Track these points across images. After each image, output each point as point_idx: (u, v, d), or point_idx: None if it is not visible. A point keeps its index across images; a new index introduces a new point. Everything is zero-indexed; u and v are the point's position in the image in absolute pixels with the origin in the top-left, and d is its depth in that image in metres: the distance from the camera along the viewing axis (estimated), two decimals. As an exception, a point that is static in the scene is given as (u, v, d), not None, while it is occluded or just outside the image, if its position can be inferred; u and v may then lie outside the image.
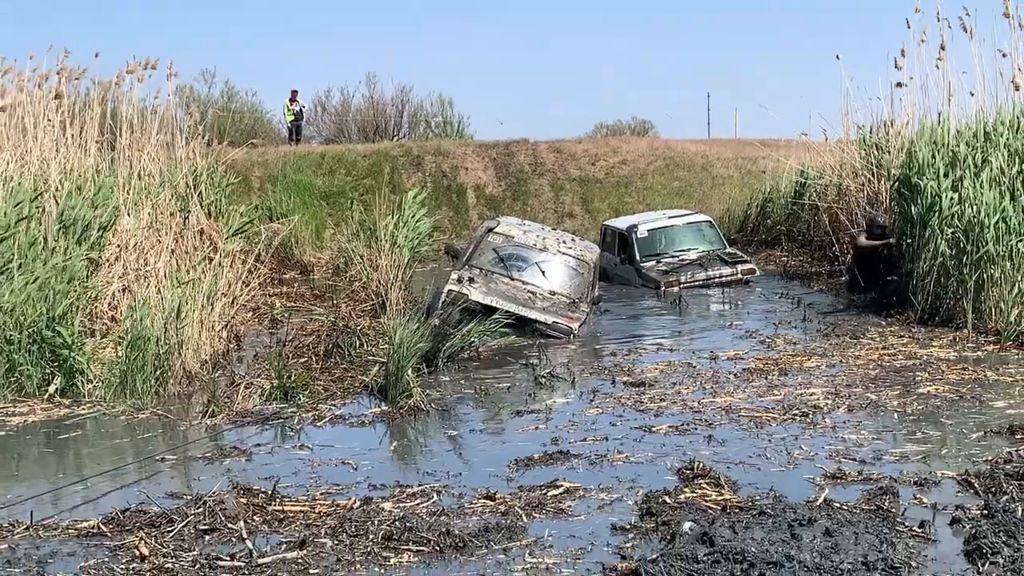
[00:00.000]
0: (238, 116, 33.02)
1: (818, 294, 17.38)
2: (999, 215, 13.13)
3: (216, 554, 6.54)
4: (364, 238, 18.43)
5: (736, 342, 13.53)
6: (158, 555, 6.53)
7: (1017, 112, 15.17)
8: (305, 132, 36.02)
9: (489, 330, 13.04)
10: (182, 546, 6.70)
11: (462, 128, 40.17)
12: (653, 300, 17.97)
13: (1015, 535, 6.27)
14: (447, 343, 12.38)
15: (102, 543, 6.83)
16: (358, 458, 8.84)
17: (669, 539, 6.50)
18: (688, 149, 33.19)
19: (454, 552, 6.52)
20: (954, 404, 9.84)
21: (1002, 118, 15.18)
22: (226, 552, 6.58)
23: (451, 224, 28.70)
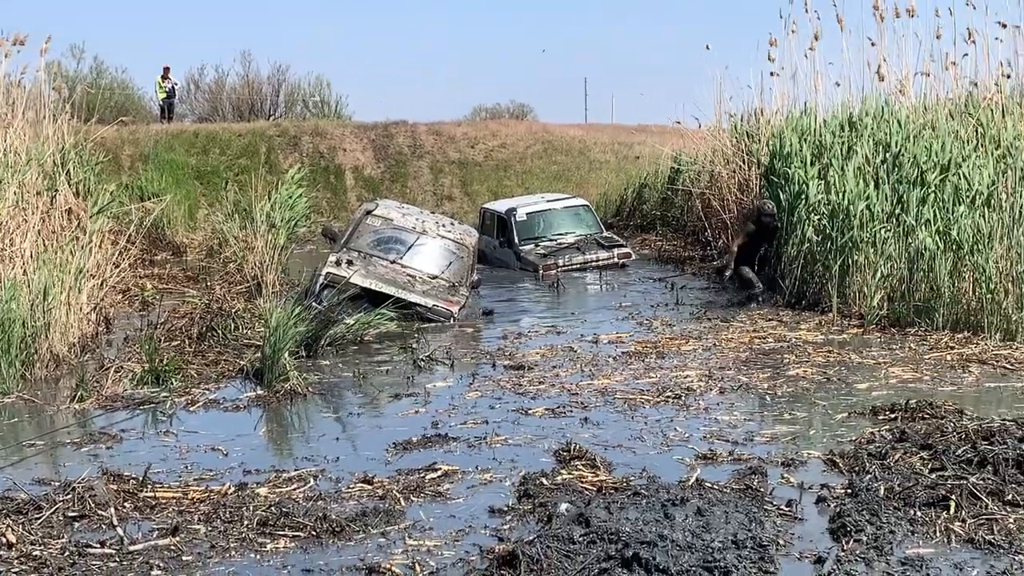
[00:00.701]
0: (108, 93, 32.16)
1: (691, 278, 17.73)
2: (864, 203, 13.56)
3: (86, 541, 6.40)
4: (239, 219, 18.17)
5: (615, 325, 13.74)
6: (26, 543, 6.36)
7: (881, 102, 15.68)
8: (178, 110, 35.29)
9: (375, 320, 12.95)
10: (51, 533, 6.53)
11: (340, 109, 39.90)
12: (531, 283, 18.11)
13: (877, 513, 6.51)
14: (330, 330, 12.26)
15: (-34, 532, 6.62)
16: (232, 443, 8.73)
17: (546, 520, 6.58)
18: (566, 133, 33.47)
19: (331, 537, 6.50)
20: (820, 386, 10.15)
21: (867, 108, 15.67)
22: (96, 539, 6.44)
23: (329, 206, 28.45)
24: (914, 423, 8.55)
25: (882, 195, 13.67)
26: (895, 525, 6.37)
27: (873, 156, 14.38)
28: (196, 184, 26.94)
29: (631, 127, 34.24)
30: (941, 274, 12.36)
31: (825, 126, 15.66)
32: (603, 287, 17.82)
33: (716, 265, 15.81)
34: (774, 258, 14.92)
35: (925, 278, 12.59)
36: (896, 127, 14.60)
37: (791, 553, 6.14)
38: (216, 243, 20.12)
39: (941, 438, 7.97)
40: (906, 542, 6.19)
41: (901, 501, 6.76)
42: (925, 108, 15.79)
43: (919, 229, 12.77)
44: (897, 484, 7.05)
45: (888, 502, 6.74)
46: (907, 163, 13.81)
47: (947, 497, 6.71)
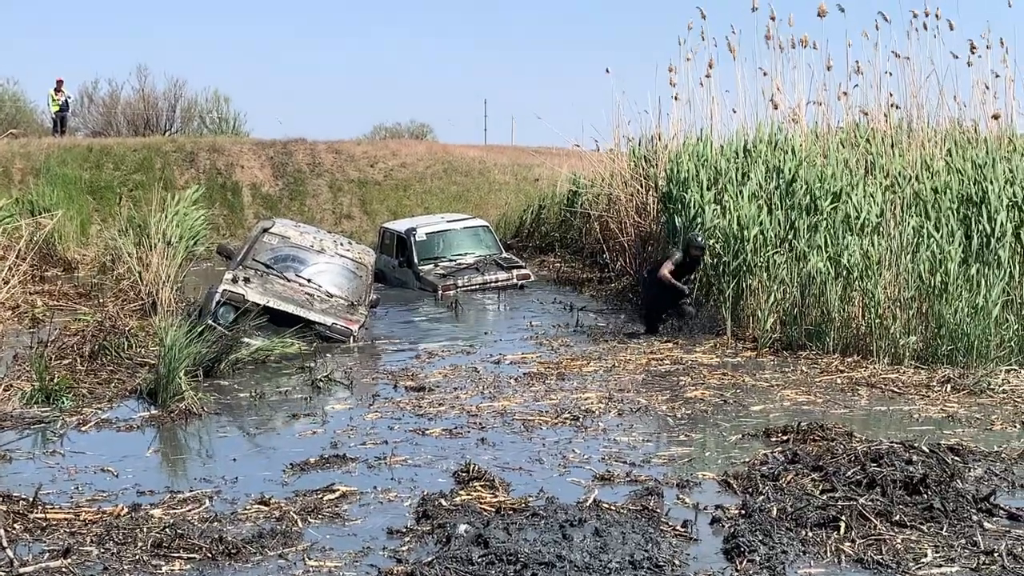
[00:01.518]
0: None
1: (589, 300, 17.89)
2: (757, 228, 13.87)
3: (-27, 565, 6.24)
4: (134, 235, 17.82)
5: (516, 346, 13.79)
6: (-92, 568, 6.18)
7: (775, 129, 16.08)
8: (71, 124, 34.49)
9: (277, 347, 12.76)
10: (-65, 558, 6.35)
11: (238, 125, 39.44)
12: (431, 303, 18.09)
13: (770, 533, 6.66)
14: (231, 355, 12.08)
15: None
16: (126, 463, 8.57)
17: (445, 541, 6.59)
18: (466, 154, 33.52)
19: (227, 559, 6.43)
20: (716, 408, 10.34)
21: (761, 135, 16.06)
22: (-16, 563, 6.28)
23: (226, 223, 28.05)
24: (806, 445, 8.76)
25: (775, 221, 14.00)
26: (787, 545, 6.53)
27: (767, 182, 14.72)
28: (89, 199, 26.35)
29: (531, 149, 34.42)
30: (832, 299, 12.69)
31: (721, 152, 15.99)
32: (502, 308, 17.89)
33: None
34: None
35: (816, 303, 12.92)
36: (789, 155, 14.96)
37: (687, 573, 6.25)
38: (109, 259, 19.70)
39: (832, 460, 8.18)
40: (798, 562, 6.35)
41: (793, 522, 6.93)
42: (817, 136, 16.24)
43: (811, 255, 13.09)
44: (789, 505, 7.23)
45: (781, 522, 6.91)
46: (800, 190, 14.17)
47: (837, 518, 6.90)
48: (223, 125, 38.91)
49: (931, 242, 12.47)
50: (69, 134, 32.82)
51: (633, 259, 18.28)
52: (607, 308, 17.00)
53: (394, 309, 17.02)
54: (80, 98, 38.37)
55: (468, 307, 17.49)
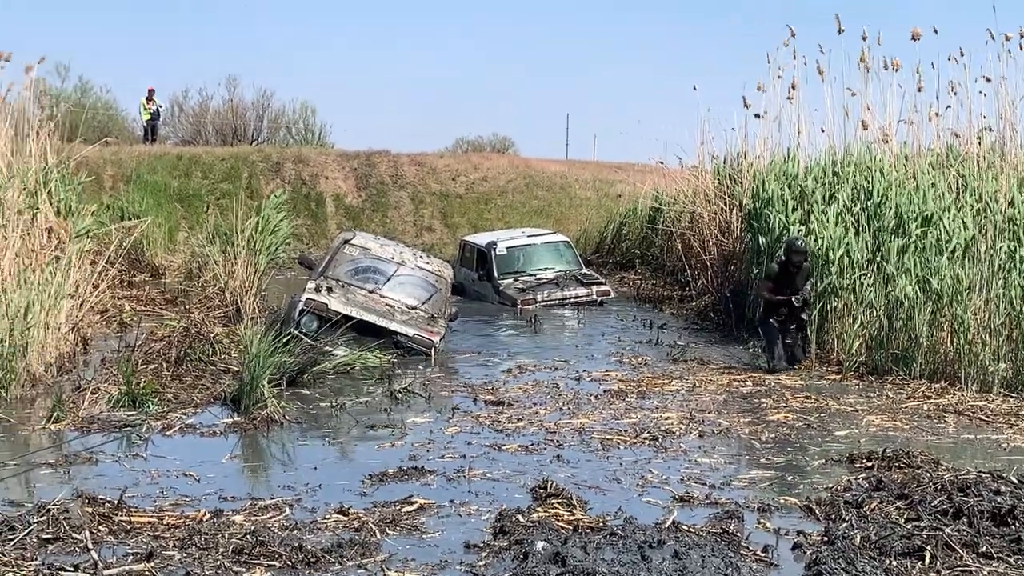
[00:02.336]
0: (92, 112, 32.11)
1: (670, 318, 17.77)
2: (843, 249, 13.66)
3: (60, 564, 6.35)
4: (219, 243, 18.10)
5: (596, 363, 13.72)
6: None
7: (863, 150, 15.83)
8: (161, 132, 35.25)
9: (358, 359, 12.82)
10: (24, 555, 6.48)
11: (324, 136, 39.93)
12: (510, 318, 18.10)
13: (853, 562, 6.52)
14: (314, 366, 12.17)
15: (-62, 552, 6.56)
16: (208, 469, 8.68)
17: (522, 558, 6.56)
18: (548, 168, 33.56)
19: (306, 567, 6.47)
20: (799, 432, 10.18)
21: (850, 155, 15.82)
22: (70, 562, 6.40)
23: (309, 233, 28.42)
24: (891, 472, 8.60)
25: (862, 243, 13.78)
26: (871, 574, 6.38)
27: (853, 204, 14.50)
28: (177, 206, 26.86)
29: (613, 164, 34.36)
30: (920, 323, 12.45)
31: (808, 172, 15.78)
32: (581, 324, 17.84)
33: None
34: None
35: (904, 327, 12.68)
36: (878, 176, 14.73)
37: (767, 599, 6.15)
38: (195, 266, 20.06)
39: (917, 488, 8.01)
40: (881, 592, 6.21)
41: (877, 550, 6.79)
42: (907, 158, 15.96)
43: (899, 278, 12.86)
44: (873, 533, 7.08)
45: (864, 551, 6.77)
46: (888, 212, 13.93)
47: (922, 547, 6.74)
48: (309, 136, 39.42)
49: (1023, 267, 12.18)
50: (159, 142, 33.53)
51: (715, 277, 18.11)
52: (688, 326, 16.87)
53: (473, 323, 17.05)
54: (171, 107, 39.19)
55: (547, 322, 17.46)
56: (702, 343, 15.22)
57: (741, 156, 18.82)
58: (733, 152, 19.47)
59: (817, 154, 16.52)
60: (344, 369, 12.70)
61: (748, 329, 15.13)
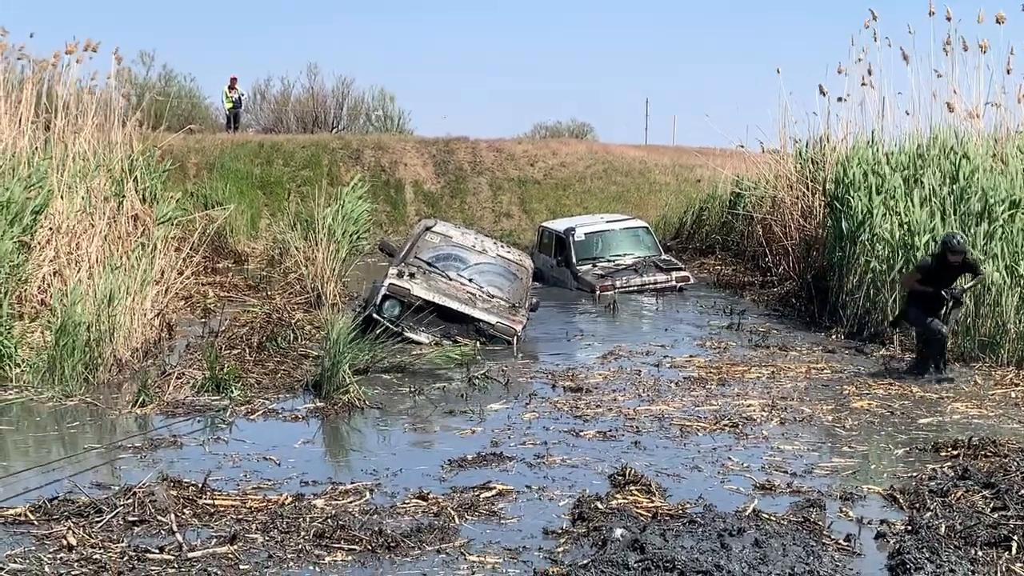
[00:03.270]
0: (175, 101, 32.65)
1: (751, 304, 17.59)
2: (929, 234, 13.39)
3: (145, 546, 6.48)
4: (301, 229, 18.30)
5: (676, 349, 13.62)
6: (86, 545, 6.46)
7: (950, 134, 15.50)
8: (243, 120, 35.68)
9: (445, 353, 12.73)
10: (110, 537, 6.62)
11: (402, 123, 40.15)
12: (588, 304, 18.06)
13: (938, 551, 6.41)
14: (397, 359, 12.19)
15: (29, 532, 6.73)
16: (290, 453, 8.80)
17: (600, 545, 6.55)
18: (626, 154, 33.40)
19: (387, 552, 6.53)
20: (881, 420, 10.03)
21: (936, 138, 15.50)
22: (155, 544, 6.52)
23: (388, 219, 28.61)
24: (977, 461, 8.44)
25: (948, 227, 13.49)
26: (956, 564, 6.28)
27: (940, 188, 14.21)
28: (259, 194, 27.22)
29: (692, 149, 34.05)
30: (1008, 309, 12.18)
31: (892, 156, 15.50)
32: (661, 310, 17.73)
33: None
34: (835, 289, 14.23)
35: (991, 313, 12.41)
36: (964, 160, 14.41)
37: (849, 589, 6.07)
38: (277, 253, 20.32)
39: (1004, 477, 7.86)
40: (967, 582, 6.10)
41: (962, 540, 6.67)
42: (995, 140, 15.59)
43: (986, 263, 12.58)
44: (958, 522, 6.96)
45: (949, 540, 6.66)
46: (975, 197, 13.63)
47: (1009, 537, 6.62)
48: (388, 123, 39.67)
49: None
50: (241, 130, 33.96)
51: (797, 263, 17.87)
52: (769, 313, 16.69)
53: (551, 309, 17.02)
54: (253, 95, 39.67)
55: (625, 309, 17.39)
56: (784, 330, 15.04)
57: (823, 140, 18.55)
58: (815, 136, 19.22)
59: (902, 137, 16.21)
60: (430, 368, 12.71)
61: (831, 315, 14.93)
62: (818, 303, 15.64)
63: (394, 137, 34.01)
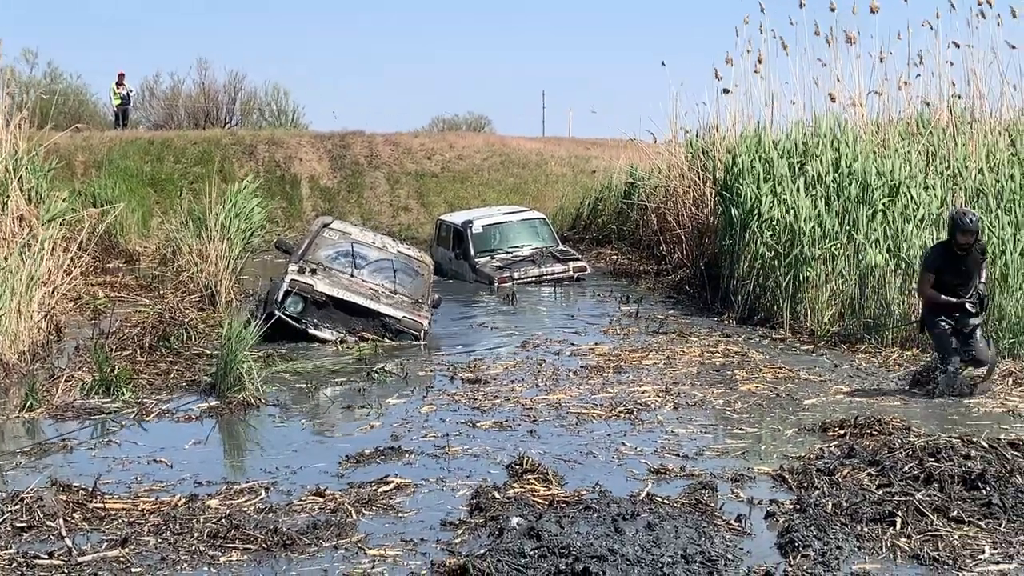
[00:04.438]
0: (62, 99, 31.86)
1: (646, 292, 17.83)
2: (815, 220, 13.72)
3: (34, 552, 6.34)
4: (193, 227, 18.01)
5: (573, 340, 13.71)
6: (-29, 555, 6.30)
7: (833, 122, 15.88)
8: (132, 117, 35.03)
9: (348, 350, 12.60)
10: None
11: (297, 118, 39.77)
12: (487, 296, 18.13)
13: (825, 528, 6.59)
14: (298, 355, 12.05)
15: (-89, 543, 6.55)
16: (184, 454, 8.68)
17: (497, 534, 6.60)
18: (523, 146, 33.55)
19: (283, 550, 6.48)
20: (771, 402, 10.26)
21: (819, 126, 15.87)
22: (45, 550, 6.38)
23: (284, 215, 28.35)
24: (862, 440, 8.67)
25: (833, 213, 13.84)
26: (842, 541, 6.46)
27: (824, 175, 14.56)
28: (150, 192, 26.76)
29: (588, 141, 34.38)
30: (891, 291, 12.53)
31: (778, 144, 15.84)
32: (559, 300, 17.87)
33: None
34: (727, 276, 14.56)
35: (875, 295, 12.76)
36: (847, 147, 14.78)
37: (740, 568, 6.19)
38: (170, 252, 19.95)
39: (889, 455, 8.08)
40: (853, 558, 6.28)
41: (848, 517, 6.86)
42: (878, 127, 16.02)
43: (869, 247, 12.93)
44: (845, 500, 7.15)
45: (836, 518, 6.84)
46: (857, 183, 14.00)
47: (894, 513, 6.82)
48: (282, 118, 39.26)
49: (991, 234, 12.26)
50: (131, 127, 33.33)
51: (690, 251, 18.18)
52: (664, 300, 16.95)
53: (450, 302, 17.03)
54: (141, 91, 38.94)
55: (524, 300, 17.49)
56: (679, 316, 15.29)
57: (713, 130, 18.88)
58: (705, 126, 19.56)
59: (788, 126, 16.57)
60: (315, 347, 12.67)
61: (723, 301, 15.20)
62: (711, 289, 15.93)
63: (288, 132, 33.69)
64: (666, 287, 18.05)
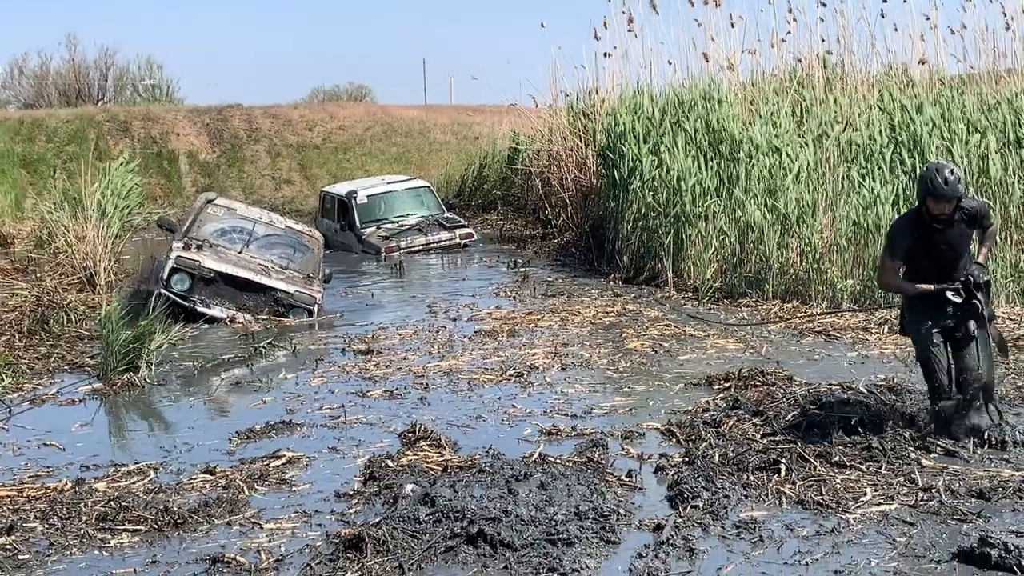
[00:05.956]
0: (-77, 79, 30.74)
1: (533, 256, 17.94)
2: (694, 179, 13.95)
3: (-86, 548, 6.17)
4: (69, 208, 17.55)
5: (460, 306, 13.73)
6: None
7: (708, 80, 16.14)
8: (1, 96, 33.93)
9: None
10: None
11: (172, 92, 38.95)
12: (374, 266, 18.04)
13: (713, 479, 6.75)
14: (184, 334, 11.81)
15: None
16: (69, 438, 8.51)
17: (392, 502, 6.62)
18: (405, 115, 33.37)
19: (174, 529, 6.41)
20: (657, 359, 10.43)
21: (695, 87, 16.11)
22: (-75, 545, 6.22)
23: (163, 192, 27.78)
24: (747, 391, 8.88)
25: (712, 171, 14.08)
26: (730, 490, 6.63)
27: (702, 134, 14.79)
28: (22, 173, 25.98)
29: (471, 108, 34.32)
30: (770, 246, 12.82)
31: (655, 104, 16.03)
32: (447, 268, 17.89)
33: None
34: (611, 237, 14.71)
35: (755, 250, 13.05)
36: (722, 106, 15.03)
37: (632, 522, 6.33)
38: (45, 233, 19.39)
39: (772, 404, 8.31)
40: (740, 506, 6.45)
41: (735, 466, 7.04)
42: (753, 85, 16.32)
43: (747, 203, 13.20)
44: (731, 450, 7.34)
45: (723, 468, 7.02)
46: (732, 140, 14.25)
47: (778, 461, 7.02)
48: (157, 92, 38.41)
49: (863, 187, 12.61)
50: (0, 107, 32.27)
51: (575, 214, 18.32)
52: (552, 263, 17.08)
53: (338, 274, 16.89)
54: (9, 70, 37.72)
55: (412, 268, 17.47)
56: (567, 278, 15.42)
57: (593, 92, 19.01)
58: (585, 89, 19.68)
59: (665, 87, 16.78)
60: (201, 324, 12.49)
61: (608, 262, 15.38)
62: (596, 251, 16.10)
63: (164, 107, 32.99)
64: (553, 250, 18.19)
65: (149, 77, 39.26)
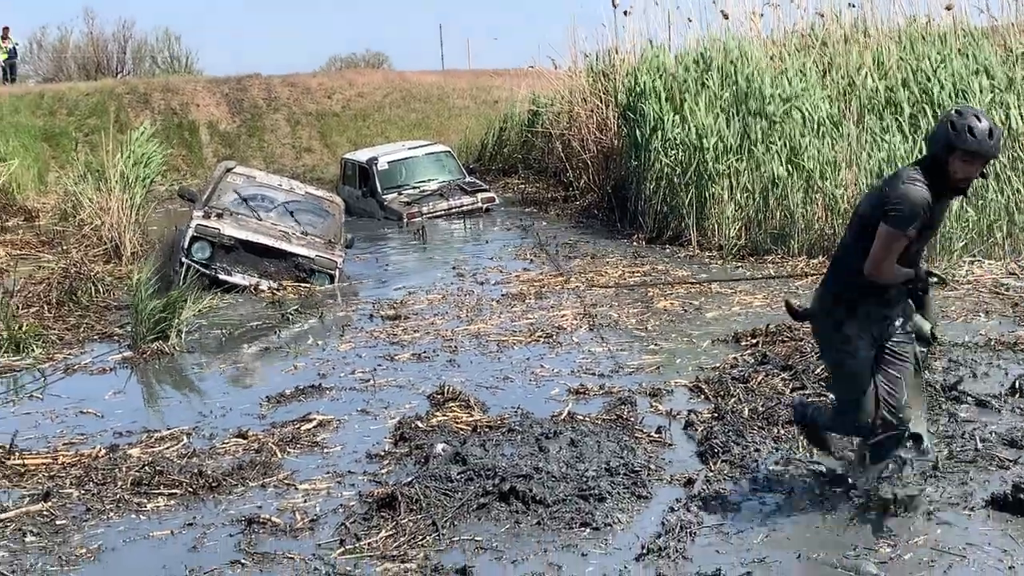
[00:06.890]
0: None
1: (555, 219, 17.92)
2: (716, 136, 13.87)
3: (-46, 515, 6.26)
4: (92, 180, 17.62)
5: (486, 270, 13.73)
6: None
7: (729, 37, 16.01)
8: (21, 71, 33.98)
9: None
10: (-85, 508, 6.36)
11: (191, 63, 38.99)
12: (396, 232, 18.06)
13: (743, 433, 6.77)
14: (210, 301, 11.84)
15: None
16: (101, 406, 8.58)
17: (423, 462, 6.66)
18: (423, 80, 33.28)
19: (209, 492, 6.48)
20: (684, 317, 10.42)
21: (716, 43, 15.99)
22: (-35, 512, 6.30)
23: (185, 163, 27.84)
24: (774, 347, 8.86)
25: (734, 128, 13.99)
26: (760, 444, 6.64)
27: (723, 91, 14.69)
28: (45, 147, 26.09)
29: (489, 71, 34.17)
30: (794, 202, 12.76)
31: (677, 62, 15.93)
32: (470, 233, 17.87)
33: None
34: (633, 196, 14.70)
35: (779, 206, 12.99)
36: (743, 62, 14.91)
37: (663, 477, 6.35)
38: (70, 206, 19.49)
39: (800, 359, 8.29)
40: (770, 458, 6.46)
41: (764, 421, 7.04)
42: (774, 41, 16.18)
43: (770, 160, 13.12)
44: (760, 405, 7.34)
45: (752, 422, 7.02)
46: (754, 96, 14.14)
47: (808, 414, 6.99)
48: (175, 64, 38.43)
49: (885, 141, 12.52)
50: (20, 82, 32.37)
51: (597, 175, 18.26)
52: (575, 225, 17.04)
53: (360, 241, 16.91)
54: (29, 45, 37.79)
55: (435, 234, 17.47)
56: (591, 240, 15.38)
57: (613, 52, 18.89)
58: (604, 49, 19.56)
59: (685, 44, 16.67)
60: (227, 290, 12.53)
61: (631, 222, 15.33)
62: (619, 212, 16.05)
63: (183, 78, 33.01)
64: (575, 212, 18.14)
65: (167, 48, 39.32)
